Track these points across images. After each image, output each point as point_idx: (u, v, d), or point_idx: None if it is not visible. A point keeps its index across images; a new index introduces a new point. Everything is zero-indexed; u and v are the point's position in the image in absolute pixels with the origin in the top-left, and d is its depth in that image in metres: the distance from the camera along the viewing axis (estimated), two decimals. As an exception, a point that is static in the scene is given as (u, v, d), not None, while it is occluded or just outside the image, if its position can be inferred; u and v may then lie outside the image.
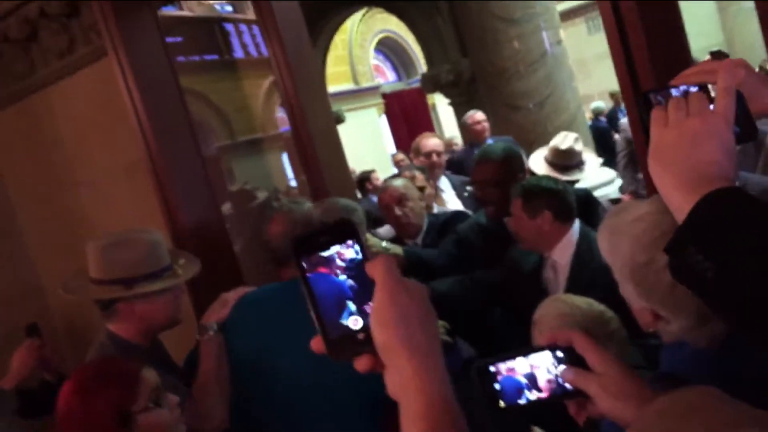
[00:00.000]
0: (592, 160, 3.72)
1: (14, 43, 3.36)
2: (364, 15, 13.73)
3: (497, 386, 0.87)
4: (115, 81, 2.60)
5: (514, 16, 7.77)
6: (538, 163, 3.59)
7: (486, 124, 5.32)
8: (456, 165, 5.17)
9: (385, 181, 3.81)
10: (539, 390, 0.87)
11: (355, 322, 0.73)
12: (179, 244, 2.50)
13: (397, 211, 3.21)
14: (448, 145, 7.40)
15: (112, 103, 3.00)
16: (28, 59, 3.39)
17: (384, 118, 15.24)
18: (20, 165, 3.53)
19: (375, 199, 4.02)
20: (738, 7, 14.11)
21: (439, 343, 0.73)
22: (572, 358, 0.85)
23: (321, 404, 1.99)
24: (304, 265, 0.74)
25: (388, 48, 15.91)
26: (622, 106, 11.02)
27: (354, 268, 0.74)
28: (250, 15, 7.71)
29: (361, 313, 0.73)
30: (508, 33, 7.81)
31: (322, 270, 0.74)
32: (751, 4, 1.96)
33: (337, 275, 0.74)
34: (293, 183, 8.00)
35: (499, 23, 7.80)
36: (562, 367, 0.86)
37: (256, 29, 7.88)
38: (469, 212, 3.61)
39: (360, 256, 0.75)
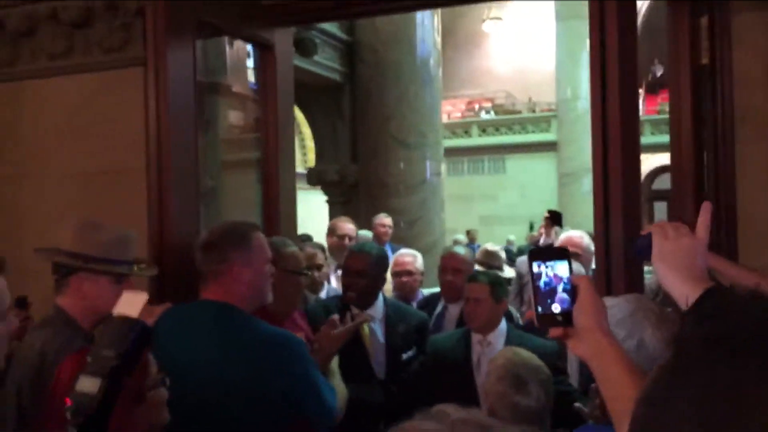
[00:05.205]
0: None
1: (4, 32, 3.41)
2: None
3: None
4: (136, 89, 2.83)
5: (408, 140, 8.60)
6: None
7: (390, 230, 5.88)
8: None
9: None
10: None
11: (555, 308, 1.19)
12: (159, 258, 2.67)
13: None
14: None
15: (102, 111, 3.18)
16: (13, 49, 3.43)
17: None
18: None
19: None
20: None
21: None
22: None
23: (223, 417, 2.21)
24: (536, 265, 1.20)
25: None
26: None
27: (563, 277, 1.20)
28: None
29: (561, 303, 1.18)
30: (398, 153, 8.58)
31: (545, 272, 1.20)
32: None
33: (552, 278, 1.19)
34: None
35: (393, 142, 8.56)
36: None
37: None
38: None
39: (568, 273, 1.20)
